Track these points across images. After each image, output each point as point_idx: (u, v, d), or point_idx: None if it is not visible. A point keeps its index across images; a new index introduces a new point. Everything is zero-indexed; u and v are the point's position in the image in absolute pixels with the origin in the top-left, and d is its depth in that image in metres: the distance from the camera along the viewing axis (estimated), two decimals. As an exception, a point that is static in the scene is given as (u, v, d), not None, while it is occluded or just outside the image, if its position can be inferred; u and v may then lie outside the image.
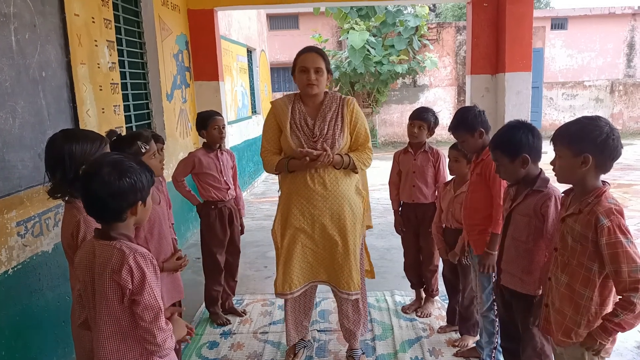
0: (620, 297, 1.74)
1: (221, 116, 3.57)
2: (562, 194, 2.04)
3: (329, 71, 2.75)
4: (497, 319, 2.73)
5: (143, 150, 2.32)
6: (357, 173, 2.84)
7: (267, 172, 2.91)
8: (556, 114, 15.45)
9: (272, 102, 2.88)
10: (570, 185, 1.95)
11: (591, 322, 1.84)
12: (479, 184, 2.68)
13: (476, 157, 2.77)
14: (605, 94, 15.62)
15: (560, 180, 1.94)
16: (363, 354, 3.09)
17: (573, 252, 1.86)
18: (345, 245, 2.77)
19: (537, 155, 2.22)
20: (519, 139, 2.20)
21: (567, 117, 15.14)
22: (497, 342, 2.79)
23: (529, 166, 2.21)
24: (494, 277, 2.65)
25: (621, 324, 1.73)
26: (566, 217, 1.91)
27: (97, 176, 1.57)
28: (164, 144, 3.13)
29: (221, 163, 3.58)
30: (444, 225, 3.19)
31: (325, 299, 3.90)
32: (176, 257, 2.45)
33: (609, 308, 1.83)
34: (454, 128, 2.78)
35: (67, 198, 2.04)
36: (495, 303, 2.72)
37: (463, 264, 3.04)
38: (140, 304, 1.57)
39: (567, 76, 16.90)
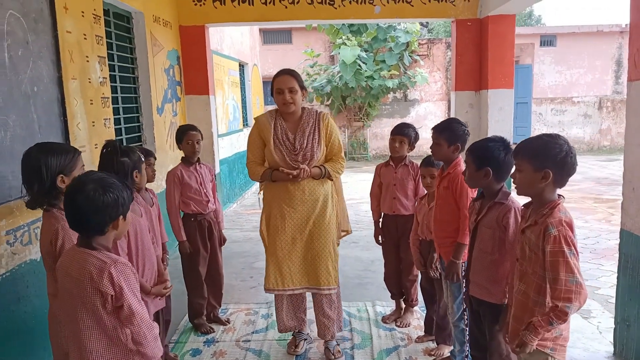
0: (555, 305, 1.86)
1: (196, 131, 3.59)
2: (522, 207, 2.16)
3: (303, 88, 3.08)
4: (467, 328, 2.83)
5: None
6: (332, 181, 3.21)
7: (252, 179, 3.28)
8: (545, 129, 15.66)
9: (255, 118, 3.23)
10: (530, 199, 2.07)
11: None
12: (447, 197, 2.79)
13: (442, 171, 2.89)
14: (593, 110, 15.86)
15: (519, 193, 2.06)
16: (338, 344, 3.30)
17: (530, 262, 1.98)
18: (323, 242, 3.12)
19: (501, 172, 2.33)
20: (490, 153, 2.32)
21: (557, 133, 15.34)
22: (467, 350, 2.89)
23: (491, 180, 2.33)
24: (463, 287, 2.77)
25: (550, 329, 1.90)
26: (525, 229, 2.03)
27: (81, 192, 1.69)
28: (155, 158, 3.28)
29: (200, 176, 3.63)
30: (420, 238, 3.30)
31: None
32: (163, 287, 2.55)
33: None
34: (438, 130, 2.84)
35: (45, 207, 2.15)
36: (465, 312, 2.82)
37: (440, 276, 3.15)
38: (125, 309, 1.69)
39: (556, 92, 17.15)
